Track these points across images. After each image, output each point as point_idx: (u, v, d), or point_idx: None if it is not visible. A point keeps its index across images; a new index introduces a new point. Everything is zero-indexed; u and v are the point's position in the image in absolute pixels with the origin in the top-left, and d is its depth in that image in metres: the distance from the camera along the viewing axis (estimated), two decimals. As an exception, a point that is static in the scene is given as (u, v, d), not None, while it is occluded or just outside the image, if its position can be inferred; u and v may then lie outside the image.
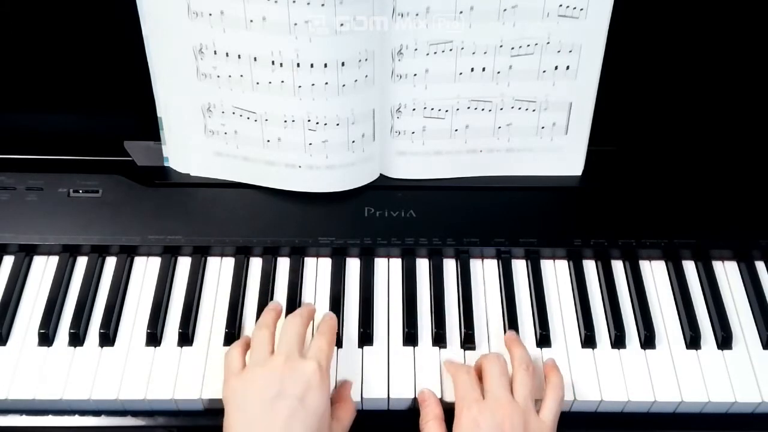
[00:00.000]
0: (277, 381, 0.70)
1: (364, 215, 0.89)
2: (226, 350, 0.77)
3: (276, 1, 0.76)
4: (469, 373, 0.77)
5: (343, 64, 0.80)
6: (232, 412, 0.71)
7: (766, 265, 0.89)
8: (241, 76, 0.82)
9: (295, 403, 0.69)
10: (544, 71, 0.84)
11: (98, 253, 0.88)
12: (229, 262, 0.88)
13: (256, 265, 0.88)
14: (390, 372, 0.80)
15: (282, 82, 0.81)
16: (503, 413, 0.72)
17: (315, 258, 0.89)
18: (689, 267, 0.89)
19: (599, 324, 0.84)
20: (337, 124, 0.84)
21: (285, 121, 0.84)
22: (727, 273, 0.89)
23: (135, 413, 0.80)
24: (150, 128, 0.89)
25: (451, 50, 0.82)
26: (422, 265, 0.88)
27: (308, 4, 0.76)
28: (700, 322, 0.84)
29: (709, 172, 0.92)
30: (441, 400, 0.78)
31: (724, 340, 0.82)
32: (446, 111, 0.86)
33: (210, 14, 0.79)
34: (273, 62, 0.80)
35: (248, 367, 0.74)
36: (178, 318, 0.83)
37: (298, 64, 0.80)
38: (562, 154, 0.91)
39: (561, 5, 0.80)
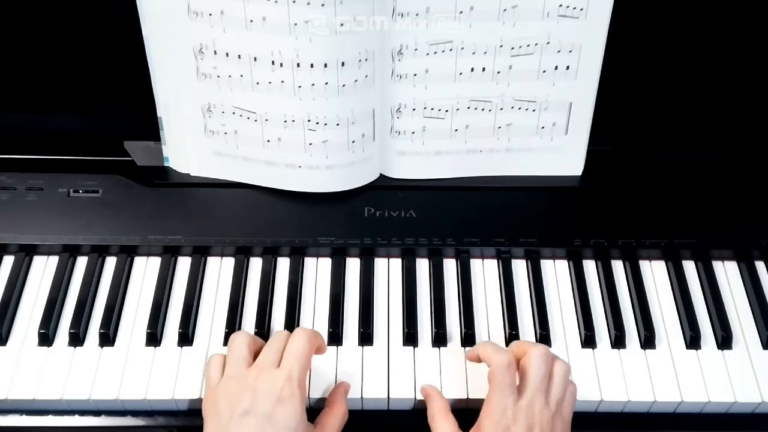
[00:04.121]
0: (248, 396, 0.70)
1: (364, 215, 0.89)
2: (207, 362, 0.77)
3: (276, 1, 0.76)
4: (511, 368, 0.73)
5: (343, 64, 0.80)
6: (208, 424, 0.72)
7: (766, 265, 0.89)
8: (241, 76, 0.82)
9: (262, 420, 0.69)
10: (544, 71, 0.84)
11: (98, 253, 0.88)
12: (229, 262, 0.88)
13: (256, 265, 0.88)
14: (390, 372, 0.80)
15: (282, 82, 0.81)
16: (535, 421, 0.71)
17: (315, 258, 0.89)
18: (689, 267, 0.89)
19: (599, 324, 0.84)
20: (337, 124, 0.84)
21: (285, 121, 0.84)
22: (727, 273, 0.89)
23: (135, 413, 0.80)
24: (150, 128, 0.89)
25: (451, 50, 0.82)
26: (422, 265, 0.88)
27: (308, 4, 0.76)
28: (700, 322, 0.84)
29: (709, 172, 0.92)
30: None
31: (724, 340, 0.82)
32: (446, 111, 0.86)
33: (210, 14, 0.79)
34: (273, 62, 0.80)
35: (223, 379, 0.73)
36: (178, 318, 0.83)
37: (298, 64, 0.80)
38: (562, 154, 0.91)
39: (561, 5, 0.80)
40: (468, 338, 0.82)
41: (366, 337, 0.82)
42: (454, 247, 0.88)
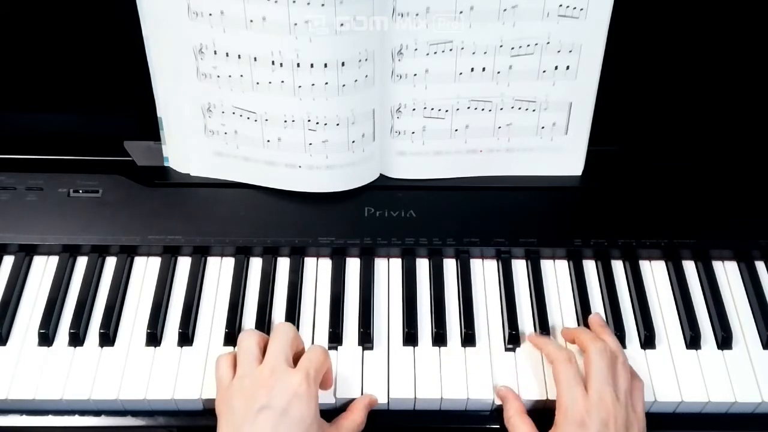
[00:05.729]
0: (264, 393, 0.70)
1: (364, 215, 0.89)
2: (215, 363, 0.77)
3: (276, 1, 0.76)
4: (572, 362, 0.76)
5: (343, 64, 0.80)
6: (222, 423, 0.72)
7: (766, 265, 0.89)
8: (241, 76, 0.82)
9: (278, 415, 0.69)
10: (544, 71, 0.84)
11: (98, 253, 0.88)
12: (229, 262, 0.88)
13: (256, 265, 0.88)
14: (390, 372, 0.80)
15: (282, 82, 0.81)
16: (609, 413, 0.72)
17: (315, 258, 0.89)
18: (689, 267, 0.89)
19: (599, 324, 0.84)
20: (337, 124, 0.84)
21: (285, 121, 0.84)
22: (727, 273, 0.89)
23: (135, 413, 0.80)
24: (150, 128, 0.89)
25: (451, 50, 0.82)
26: (422, 265, 0.88)
27: (308, 4, 0.76)
28: (700, 322, 0.84)
29: (709, 172, 0.92)
30: (441, 398, 0.78)
31: (724, 340, 0.82)
32: (446, 111, 0.86)
33: (210, 14, 0.79)
34: (273, 62, 0.80)
35: (236, 378, 0.73)
36: (178, 318, 0.83)
37: (298, 64, 0.80)
38: (562, 154, 0.91)
39: (561, 5, 0.80)
40: (468, 338, 0.82)
41: (366, 337, 0.82)
42: (454, 247, 0.88)
